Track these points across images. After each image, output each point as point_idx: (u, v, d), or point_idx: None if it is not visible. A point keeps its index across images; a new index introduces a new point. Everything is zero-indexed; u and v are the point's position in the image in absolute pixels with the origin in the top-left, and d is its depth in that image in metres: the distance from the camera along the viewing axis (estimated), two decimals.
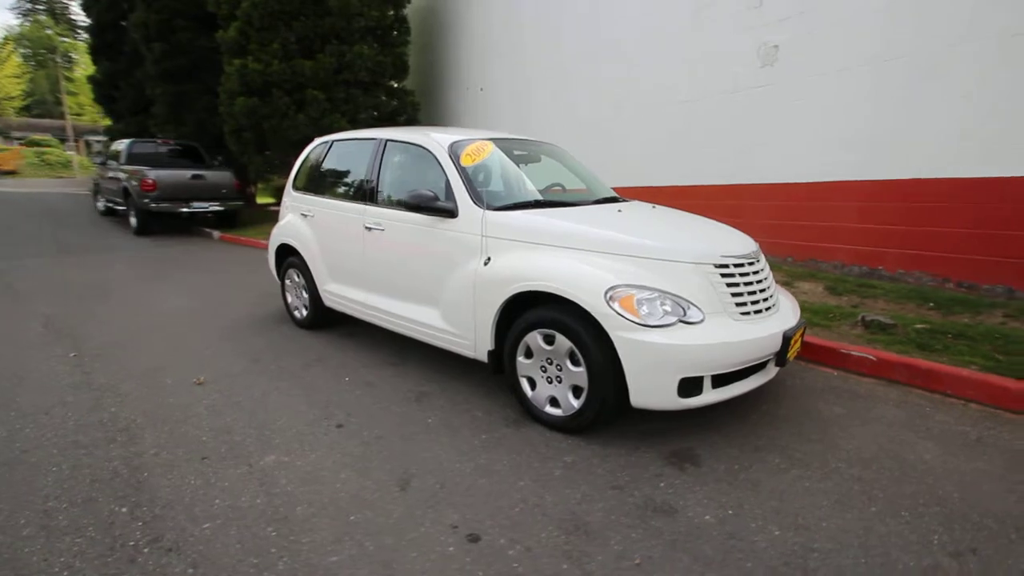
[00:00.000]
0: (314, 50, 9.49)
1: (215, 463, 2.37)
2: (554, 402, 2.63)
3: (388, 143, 3.56)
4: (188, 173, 9.80)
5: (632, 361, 2.30)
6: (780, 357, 2.57)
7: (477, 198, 2.96)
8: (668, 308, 2.35)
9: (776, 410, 2.86)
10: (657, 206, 3.43)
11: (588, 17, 7.53)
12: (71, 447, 2.50)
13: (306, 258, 4.07)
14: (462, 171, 3.08)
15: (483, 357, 2.92)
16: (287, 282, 4.45)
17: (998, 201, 4.17)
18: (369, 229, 3.47)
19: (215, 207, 9.92)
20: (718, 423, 2.70)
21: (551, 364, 2.61)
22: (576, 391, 2.54)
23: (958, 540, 1.88)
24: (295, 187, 4.36)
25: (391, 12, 9.91)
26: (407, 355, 3.69)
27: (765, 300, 2.66)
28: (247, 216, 11.37)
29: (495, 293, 2.72)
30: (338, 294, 3.86)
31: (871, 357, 3.25)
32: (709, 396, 2.40)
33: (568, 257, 2.58)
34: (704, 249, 2.57)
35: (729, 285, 2.52)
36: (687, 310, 2.37)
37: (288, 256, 4.38)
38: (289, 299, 4.47)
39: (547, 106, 8.43)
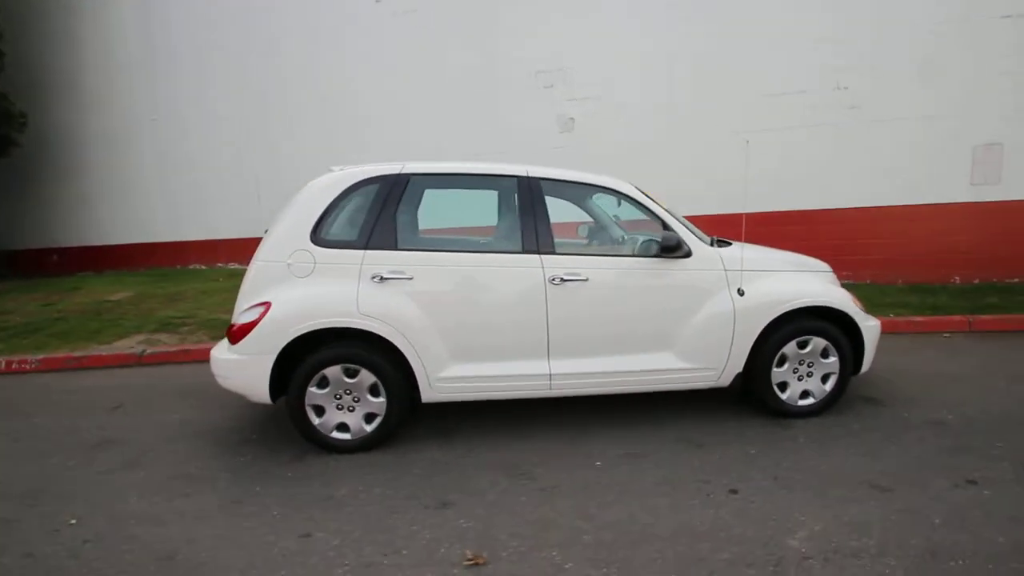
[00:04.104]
0: None
1: None
2: (804, 395, 3.22)
3: (543, 182, 3.03)
4: None
5: (870, 341, 3.23)
6: None
7: (699, 236, 3.13)
8: None
9: None
10: None
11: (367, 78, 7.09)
12: None
13: (400, 343, 2.80)
14: (670, 212, 3.13)
15: (726, 383, 3.14)
16: (313, 390, 2.82)
17: (760, 224, 6.91)
18: (563, 281, 2.89)
19: None
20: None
21: (802, 364, 3.19)
22: (823, 379, 3.22)
23: None
24: (327, 243, 2.83)
25: None
26: (578, 423, 3.21)
27: None
28: None
29: (761, 316, 3.05)
30: (477, 376, 2.91)
31: None
32: None
33: (798, 278, 3.23)
34: None
35: None
36: None
37: (316, 350, 2.80)
38: (320, 419, 2.85)
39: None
